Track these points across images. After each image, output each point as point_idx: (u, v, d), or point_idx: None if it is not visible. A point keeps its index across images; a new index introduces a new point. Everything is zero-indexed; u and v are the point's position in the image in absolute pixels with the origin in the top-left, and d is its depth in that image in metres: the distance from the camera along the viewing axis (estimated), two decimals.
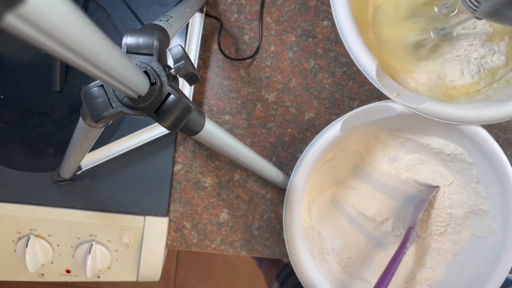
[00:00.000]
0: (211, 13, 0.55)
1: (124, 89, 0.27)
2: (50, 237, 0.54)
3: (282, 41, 0.56)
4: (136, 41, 0.32)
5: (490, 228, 0.49)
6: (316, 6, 0.55)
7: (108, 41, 0.21)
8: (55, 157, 0.55)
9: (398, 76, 0.50)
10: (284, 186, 0.52)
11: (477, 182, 0.50)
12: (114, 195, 0.55)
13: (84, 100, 0.32)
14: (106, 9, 0.55)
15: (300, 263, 0.49)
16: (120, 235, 0.54)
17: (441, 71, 0.50)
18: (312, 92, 0.56)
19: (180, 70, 0.34)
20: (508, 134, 0.56)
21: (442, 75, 0.50)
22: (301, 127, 0.56)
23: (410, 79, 0.50)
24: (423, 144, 0.52)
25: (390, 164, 0.54)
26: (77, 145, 0.41)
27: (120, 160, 0.54)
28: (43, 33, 0.16)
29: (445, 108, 0.44)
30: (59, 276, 0.55)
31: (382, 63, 0.49)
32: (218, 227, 0.56)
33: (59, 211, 0.54)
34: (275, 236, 0.56)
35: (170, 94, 0.32)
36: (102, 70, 0.22)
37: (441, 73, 0.50)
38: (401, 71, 0.50)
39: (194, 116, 0.34)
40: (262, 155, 0.54)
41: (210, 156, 0.56)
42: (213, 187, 0.56)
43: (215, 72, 0.56)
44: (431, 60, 0.50)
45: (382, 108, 0.47)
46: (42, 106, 0.55)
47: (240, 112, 0.56)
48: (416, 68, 0.50)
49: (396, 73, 0.50)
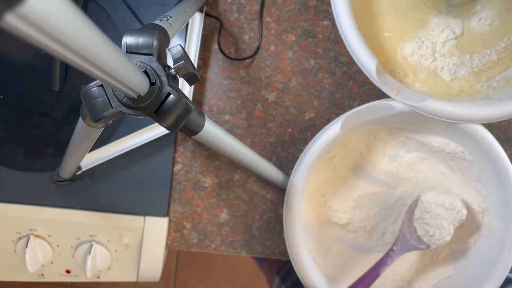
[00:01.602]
0: (211, 13, 0.55)
1: (124, 89, 0.27)
2: (50, 237, 0.54)
3: (282, 40, 0.56)
4: (135, 41, 0.32)
5: (490, 226, 0.49)
6: (316, 6, 0.55)
7: (107, 41, 0.21)
8: (54, 157, 0.54)
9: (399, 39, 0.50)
10: (284, 186, 0.52)
11: (477, 181, 0.50)
12: (114, 195, 0.55)
13: (83, 100, 0.32)
14: (105, 9, 0.55)
15: (301, 263, 0.49)
16: (120, 235, 0.54)
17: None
18: (312, 92, 0.56)
19: (180, 70, 0.34)
20: (509, 134, 0.56)
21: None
22: (301, 127, 0.56)
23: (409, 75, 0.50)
24: (423, 142, 0.52)
25: (391, 163, 0.54)
26: (77, 145, 0.41)
27: (120, 160, 0.54)
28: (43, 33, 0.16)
29: (445, 106, 0.44)
30: (59, 277, 0.55)
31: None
32: (218, 227, 0.56)
33: (59, 211, 0.54)
34: (275, 236, 0.56)
35: (170, 94, 0.32)
36: (102, 70, 0.22)
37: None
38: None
39: (194, 116, 0.34)
40: (262, 155, 0.54)
41: (210, 156, 0.56)
42: (213, 187, 0.56)
43: (215, 72, 0.56)
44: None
45: (382, 106, 0.47)
46: (42, 106, 0.55)
47: (240, 112, 0.56)
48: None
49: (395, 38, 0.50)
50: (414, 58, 0.50)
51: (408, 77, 0.49)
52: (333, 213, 0.54)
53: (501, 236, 0.48)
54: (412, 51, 0.50)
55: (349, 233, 0.55)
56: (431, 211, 0.48)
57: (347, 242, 0.55)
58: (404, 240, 0.50)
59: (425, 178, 0.53)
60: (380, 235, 0.54)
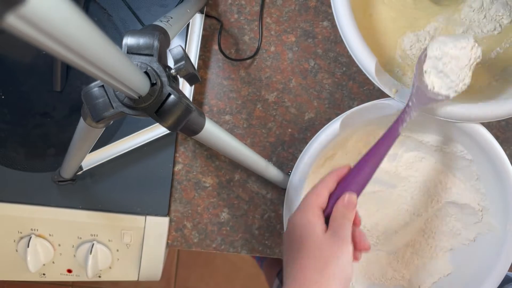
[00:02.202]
0: (211, 14, 0.55)
1: (125, 89, 0.27)
2: (51, 237, 0.54)
3: (282, 41, 0.56)
4: (136, 42, 0.32)
5: (489, 224, 0.50)
6: (316, 7, 0.56)
7: (108, 42, 0.21)
8: (56, 157, 0.55)
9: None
10: (284, 186, 0.52)
11: (476, 179, 0.50)
12: (115, 195, 0.55)
13: (84, 100, 0.32)
14: (106, 10, 0.55)
15: None
16: (121, 235, 0.54)
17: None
18: (312, 92, 0.56)
19: (180, 70, 0.34)
20: (508, 134, 0.56)
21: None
22: (301, 127, 0.56)
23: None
24: (422, 142, 0.52)
25: (390, 162, 0.54)
26: (78, 145, 0.42)
27: (121, 160, 0.54)
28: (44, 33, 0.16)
29: (444, 105, 0.44)
30: (60, 276, 0.55)
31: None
32: (218, 227, 0.56)
33: (60, 211, 0.54)
34: (275, 236, 0.56)
35: (171, 94, 0.32)
36: (103, 70, 0.22)
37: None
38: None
39: (194, 116, 0.34)
40: (262, 155, 0.55)
41: (211, 156, 0.56)
42: (213, 187, 0.56)
43: (215, 72, 0.56)
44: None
45: (381, 106, 0.47)
46: (43, 107, 0.55)
47: (240, 112, 0.56)
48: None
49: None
50: (413, 52, 0.50)
51: (407, 75, 0.49)
52: None
53: (500, 234, 0.48)
54: (410, 44, 0.50)
55: None
56: (442, 57, 0.42)
57: None
58: (419, 93, 0.43)
59: (424, 176, 0.53)
60: (380, 233, 0.54)
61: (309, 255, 0.34)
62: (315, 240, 0.35)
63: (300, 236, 0.36)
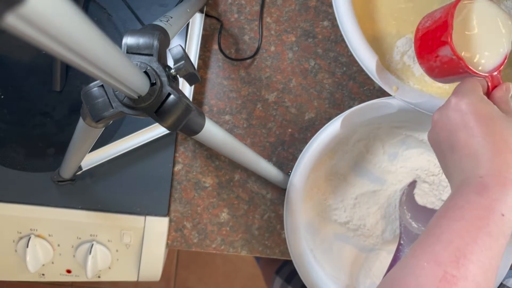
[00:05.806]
0: (211, 13, 0.55)
1: (124, 89, 0.27)
2: (50, 237, 0.54)
3: (282, 41, 0.56)
4: (136, 42, 0.32)
5: None
6: (316, 7, 0.56)
7: (108, 42, 0.21)
8: (55, 157, 0.55)
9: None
10: (284, 186, 0.52)
11: None
12: (114, 195, 0.55)
13: (84, 100, 0.32)
14: (106, 10, 0.55)
15: (302, 262, 0.49)
16: (120, 235, 0.54)
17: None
18: (312, 92, 0.56)
19: (180, 70, 0.34)
20: None
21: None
22: (301, 127, 0.56)
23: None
24: (423, 141, 0.52)
25: (390, 161, 0.54)
26: (78, 145, 0.42)
27: (120, 160, 0.54)
28: (43, 33, 0.16)
29: None
30: (60, 276, 0.55)
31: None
32: (218, 227, 0.56)
33: (60, 211, 0.54)
34: (275, 236, 0.56)
35: (170, 94, 0.32)
36: (102, 70, 0.22)
37: None
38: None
39: (194, 116, 0.34)
40: (262, 155, 0.54)
41: (211, 156, 0.56)
42: (213, 187, 0.56)
43: (215, 72, 0.56)
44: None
45: (381, 104, 0.47)
46: (43, 106, 0.55)
47: (240, 112, 0.56)
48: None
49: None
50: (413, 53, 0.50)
51: (406, 75, 0.49)
52: (333, 212, 0.54)
53: None
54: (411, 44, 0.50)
55: (349, 231, 0.55)
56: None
57: (347, 240, 0.55)
58: (407, 232, 0.50)
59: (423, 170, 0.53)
60: (380, 232, 0.54)
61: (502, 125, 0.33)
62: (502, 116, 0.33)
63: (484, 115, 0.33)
